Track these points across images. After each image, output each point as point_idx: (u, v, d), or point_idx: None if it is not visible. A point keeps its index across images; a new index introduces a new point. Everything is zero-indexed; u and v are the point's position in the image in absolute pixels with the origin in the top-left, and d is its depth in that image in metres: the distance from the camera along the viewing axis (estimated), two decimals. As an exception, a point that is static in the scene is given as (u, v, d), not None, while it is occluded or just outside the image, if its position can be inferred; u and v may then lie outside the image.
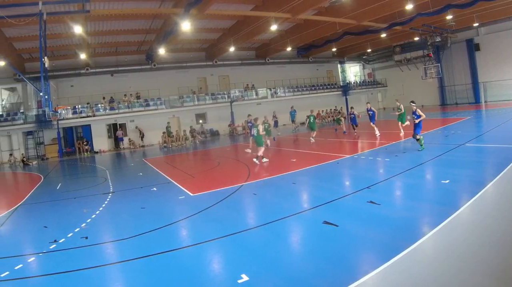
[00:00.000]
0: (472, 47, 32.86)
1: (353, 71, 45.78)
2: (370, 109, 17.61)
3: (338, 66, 42.33)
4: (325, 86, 38.35)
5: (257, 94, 33.93)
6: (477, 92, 33.16)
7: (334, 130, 22.98)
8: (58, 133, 25.65)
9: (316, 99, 35.96)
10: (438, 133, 16.56)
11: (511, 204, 6.14)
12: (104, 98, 27.98)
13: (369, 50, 39.63)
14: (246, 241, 5.85)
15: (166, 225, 6.98)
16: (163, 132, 26.64)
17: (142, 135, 28.16)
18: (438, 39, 31.44)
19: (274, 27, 22.03)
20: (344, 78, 41.85)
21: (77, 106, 26.90)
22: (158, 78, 30.35)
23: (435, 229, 5.25)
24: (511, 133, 14.48)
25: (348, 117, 22.08)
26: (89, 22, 20.55)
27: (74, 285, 4.82)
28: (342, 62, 42.20)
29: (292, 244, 5.67)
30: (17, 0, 15.24)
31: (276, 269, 4.68)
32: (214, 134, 31.12)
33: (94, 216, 8.16)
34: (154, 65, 29.86)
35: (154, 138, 27.94)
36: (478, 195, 6.63)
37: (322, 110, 33.53)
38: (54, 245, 6.32)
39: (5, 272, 5.24)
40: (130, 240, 6.36)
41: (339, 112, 29.48)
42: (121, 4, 18.78)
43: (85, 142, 26.97)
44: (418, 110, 12.00)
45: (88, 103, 27.32)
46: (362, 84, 42.46)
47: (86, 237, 6.61)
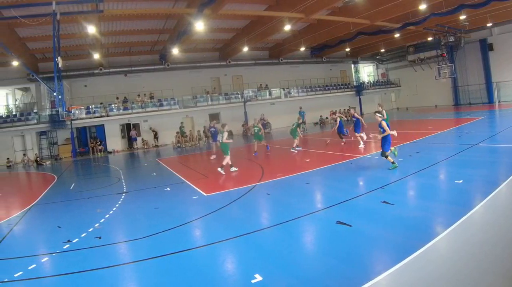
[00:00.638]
0: (485, 47, 32.35)
1: (366, 71, 45.41)
2: (354, 115, 15.31)
3: (352, 66, 41.94)
4: (338, 86, 38.06)
5: (270, 94, 33.82)
6: (490, 92, 32.64)
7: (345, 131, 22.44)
8: (72, 133, 25.85)
9: (329, 100, 35.84)
10: (451, 133, 16.41)
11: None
12: (117, 98, 28.16)
13: (382, 50, 39.48)
14: (259, 241, 5.83)
15: (180, 225, 6.91)
16: (177, 132, 26.71)
17: (157, 136, 28.22)
18: (452, 39, 31.14)
19: (287, 27, 21.98)
20: (357, 78, 41.41)
21: (90, 106, 27.09)
22: (172, 78, 30.44)
23: (449, 229, 5.22)
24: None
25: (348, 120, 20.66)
26: (102, 22, 20.67)
27: (87, 285, 4.79)
28: (355, 62, 41.80)
29: (305, 244, 5.65)
30: (30, 0, 15.37)
31: (289, 269, 4.65)
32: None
33: (107, 216, 8.13)
34: (168, 65, 29.98)
35: (168, 138, 28.03)
36: (491, 195, 6.56)
37: (338, 110, 32.81)
38: (68, 245, 6.29)
39: (18, 272, 5.22)
40: (144, 240, 6.31)
41: (348, 111, 28.53)
42: (134, 4, 18.85)
43: (98, 143, 27.17)
44: (383, 123, 9.84)
45: (101, 103, 27.52)
46: (376, 84, 42.06)
47: (100, 237, 6.57)
